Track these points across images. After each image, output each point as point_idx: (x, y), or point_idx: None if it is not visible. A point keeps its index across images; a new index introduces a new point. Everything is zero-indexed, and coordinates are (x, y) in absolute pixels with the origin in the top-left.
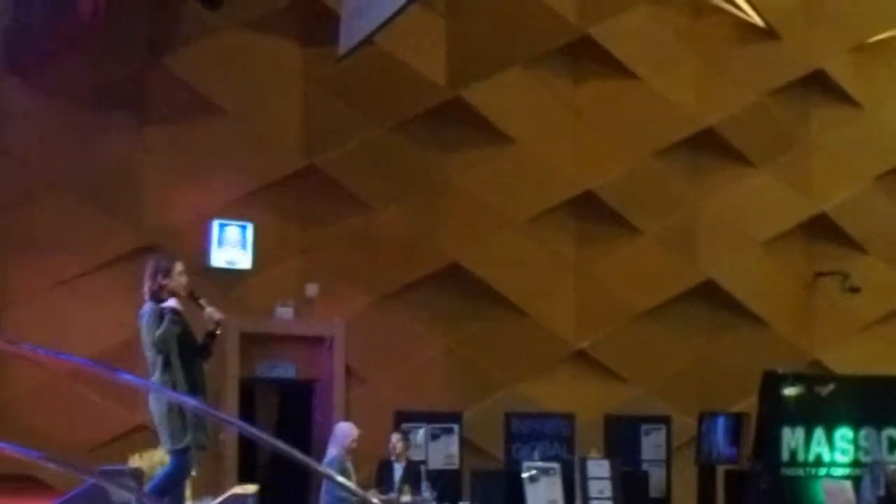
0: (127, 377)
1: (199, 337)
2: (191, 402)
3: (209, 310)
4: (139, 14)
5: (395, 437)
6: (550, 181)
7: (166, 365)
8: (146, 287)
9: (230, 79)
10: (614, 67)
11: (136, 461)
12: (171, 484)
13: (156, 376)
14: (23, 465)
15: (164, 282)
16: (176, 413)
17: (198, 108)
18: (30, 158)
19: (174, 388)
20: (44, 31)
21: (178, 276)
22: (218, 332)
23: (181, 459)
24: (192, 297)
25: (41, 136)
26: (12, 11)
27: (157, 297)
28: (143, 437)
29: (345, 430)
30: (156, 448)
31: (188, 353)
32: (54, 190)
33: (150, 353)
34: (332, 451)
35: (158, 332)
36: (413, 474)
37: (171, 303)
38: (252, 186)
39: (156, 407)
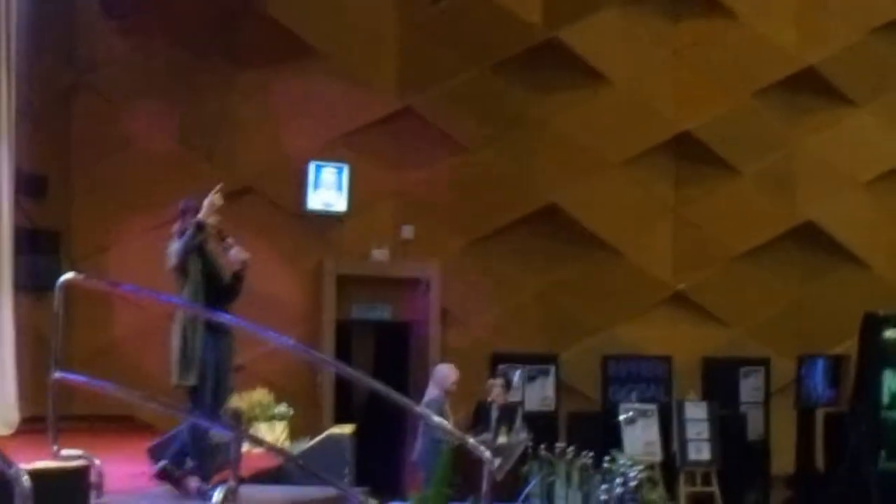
0: (224, 317)
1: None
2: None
3: (235, 250)
4: None
5: (498, 382)
6: (648, 122)
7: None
8: (176, 227)
9: (325, 21)
10: (713, 6)
11: (234, 401)
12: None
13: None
14: (123, 405)
15: (192, 221)
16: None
17: (292, 51)
18: (126, 102)
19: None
20: None
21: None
22: (243, 274)
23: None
24: (220, 235)
25: (137, 80)
26: None
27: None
28: (241, 377)
29: (445, 373)
30: (254, 389)
31: (213, 292)
32: (151, 133)
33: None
34: (433, 392)
35: (178, 244)
36: (509, 416)
37: (201, 215)
38: (347, 128)
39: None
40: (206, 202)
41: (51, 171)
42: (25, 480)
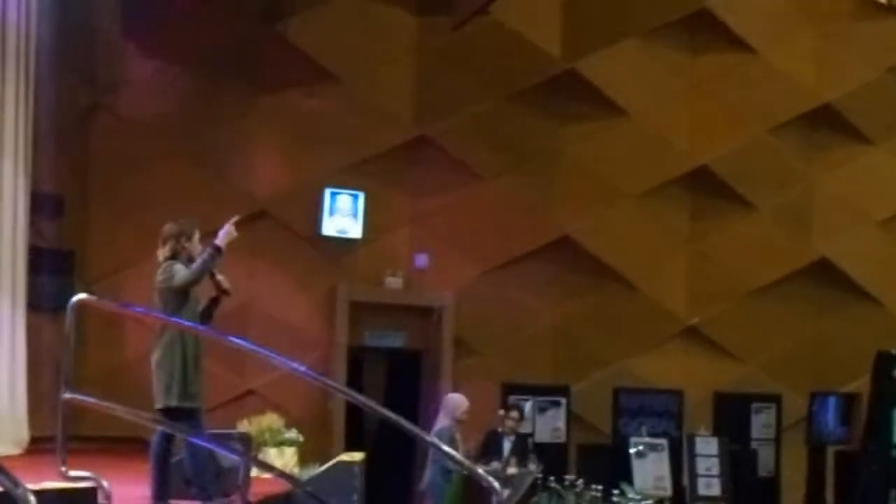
0: (236, 341)
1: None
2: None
3: (221, 277)
4: None
5: (513, 414)
6: (664, 155)
7: (174, 310)
8: (167, 247)
9: (343, 47)
10: (731, 41)
11: (244, 426)
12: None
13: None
14: (134, 426)
15: (186, 245)
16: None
17: (310, 76)
18: (144, 124)
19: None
20: None
21: (198, 242)
22: (220, 301)
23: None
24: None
25: (156, 102)
26: None
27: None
28: (253, 402)
29: (456, 402)
30: (265, 414)
31: (188, 313)
32: (168, 156)
33: (158, 302)
34: (443, 422)
35: (196, 266)
36: (521, 447)
37: (219, 241)
38: (364, 155)
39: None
40: (223, 230)
41: (68, 191)
42: (32, 501)
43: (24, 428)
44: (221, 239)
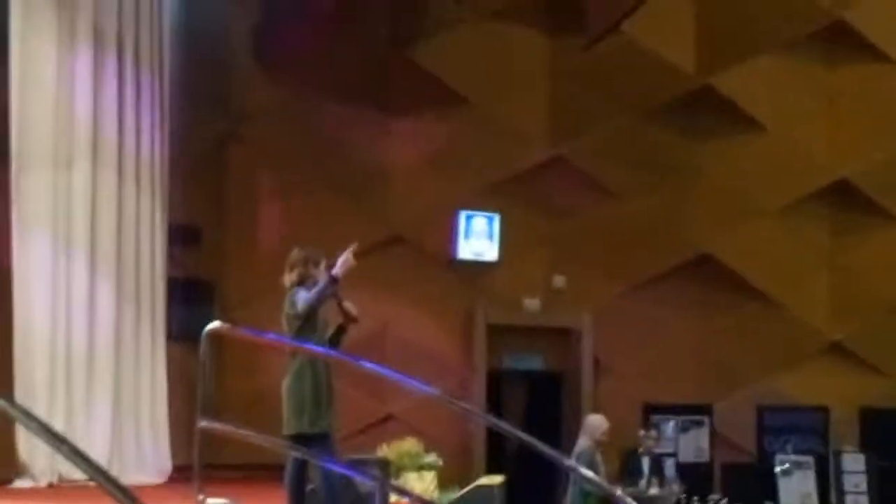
0: (369, 365)
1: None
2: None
3: (347, 304)
4: (383, 6)
5: (652, 434)
6: (803, 169)
7: (300, 335)
8: (295, 273)
9: (475, 69)
10: (869, 51)
11: (384, 451)
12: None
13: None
14: (274, 455)
15: (313, 272)
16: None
17: (442, 99)
18: (279, 153)
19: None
20: (291, 28)
21: (325, 269)
22: (347, 328)
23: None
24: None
25: (290, 129)
26: (261, 9)
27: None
28: (393, 426)
29: (595, 423)
30: (404, 438)
31: (316, 338)
32: (303, 184)
33: (287, 328)
34: (583, 443)
35: (313, 293)
36: (658, 467)
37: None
38: (498, 177)
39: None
40: (342, 258)
41: (204, 221)
42: None
43: (167, 457)
44: (339, 268)
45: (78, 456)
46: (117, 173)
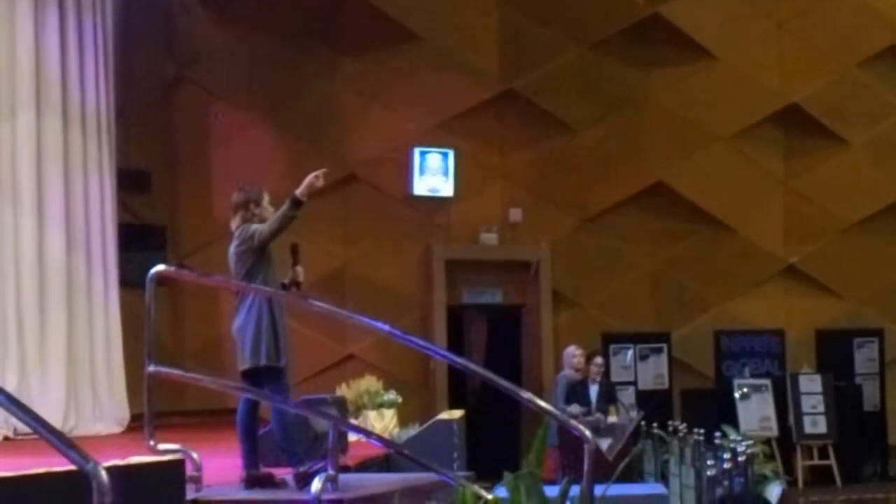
0: (318, 304)
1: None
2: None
3: (299, 268)
4: None
5: (597, 360)
6: (754, 95)
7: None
8: (238, 216)
9: (425, 5)
10: None
11: (342, 390)
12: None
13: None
14: (225, 398)
15: (256, 211)
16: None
17: (393, 37)
18: (230, 94)
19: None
20: None
21: (268, 205)
22: (289, 289)
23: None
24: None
25: (239, 71)
26: None
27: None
28: (353, 366)
29: (569, 352)
30: (362, 377)
31: (270, 276)
32: (256, 124)
33: (236, 266)
34: (565, 371)
35: (274, 217)
36: (610, 395)
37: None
38: (451, 113)
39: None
40: (307, 180)
41: (154, 166)
42: (103, 475)
43: (125, 406)
44: (302, 189)
45: (14, 404)
46: (62, 121)
